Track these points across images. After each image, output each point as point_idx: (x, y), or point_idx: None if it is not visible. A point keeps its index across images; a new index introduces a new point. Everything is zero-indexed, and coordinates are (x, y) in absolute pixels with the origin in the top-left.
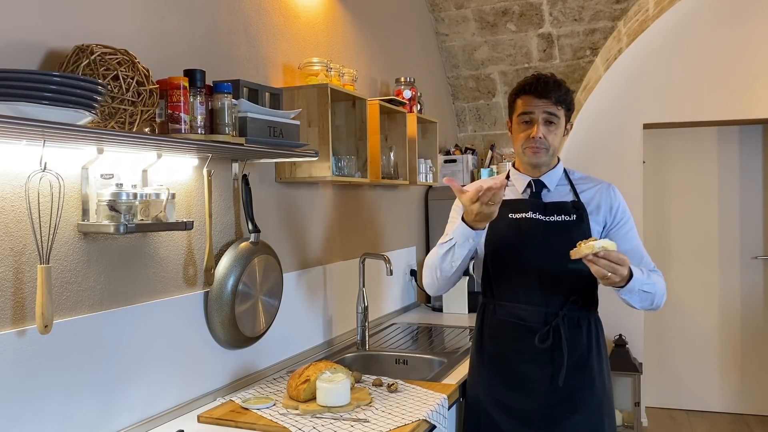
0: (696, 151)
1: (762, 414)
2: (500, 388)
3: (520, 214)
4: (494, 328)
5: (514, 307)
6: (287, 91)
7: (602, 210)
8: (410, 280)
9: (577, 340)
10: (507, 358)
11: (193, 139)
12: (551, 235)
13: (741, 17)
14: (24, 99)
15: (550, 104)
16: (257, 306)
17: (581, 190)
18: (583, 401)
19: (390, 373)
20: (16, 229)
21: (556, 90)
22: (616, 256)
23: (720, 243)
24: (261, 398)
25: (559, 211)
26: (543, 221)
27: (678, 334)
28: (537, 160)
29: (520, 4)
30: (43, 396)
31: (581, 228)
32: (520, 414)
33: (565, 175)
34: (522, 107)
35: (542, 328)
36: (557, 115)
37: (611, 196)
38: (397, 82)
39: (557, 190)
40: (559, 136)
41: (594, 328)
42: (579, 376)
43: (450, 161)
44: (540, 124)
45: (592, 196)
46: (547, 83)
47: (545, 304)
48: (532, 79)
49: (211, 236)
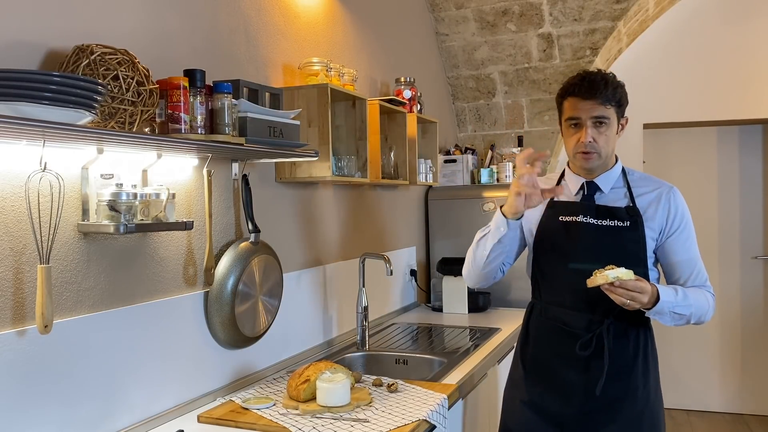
0: (696, 151)
1: (762, 414)
2: (537, 390)
3: (571, 217)
4: (538, 329)
5: (559, 311)
6: (287, 91)
7: (658, 216)
8: (410, 280)
9: (622, 350)
10: (547, 360)
11: (193, 139)
12: (602, 240)
13: (741, 17)
14: (24, 99)
15: (597, 106)
16: (257, 306)
17: (638, 193)
18: (621, 411)
19: (390, 373)
20: (16, 229)
21: (604, 89)
22: (632, 285)
23: (720, 243)
24: (261, 398)
25: (612, 215)
26: (594, 225)
27: (678, 334)
28: (589, 165)
29: (520, 4)
30: (43, 396)
31: (635, 234)
32: (556, 418)
33: (623, 176)
34: (569, 111)
35: (585, 334)
36: (606, 116)
37: (670, 201)
38: (397, 82)
39: (612, 193)
40: (612, 136)
41: (643, 339)
42: (620, 385)
43: (450, 161)
44: (588, 128)
45: (650, 201)
46: (593, 83)
47: (590, 311)
48: (578, 79)
49: (211, 236)
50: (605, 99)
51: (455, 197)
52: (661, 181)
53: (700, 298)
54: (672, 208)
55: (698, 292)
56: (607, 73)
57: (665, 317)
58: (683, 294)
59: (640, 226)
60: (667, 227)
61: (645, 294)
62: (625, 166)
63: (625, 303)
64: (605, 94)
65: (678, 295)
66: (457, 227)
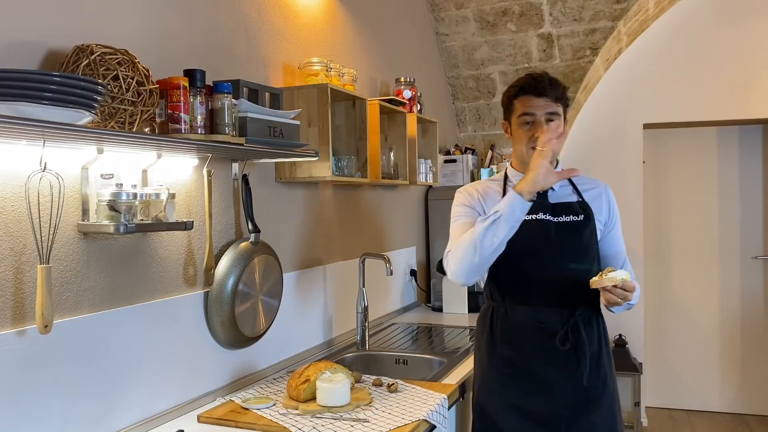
0: (696, 151)
1: (762, 414)
2: (517, 392)
3: (530, 215)
4: (509, 332)
5: (531, 310)
6: (287, 91)
7: (603, 210)
8: (410, 280)
9: (591, 338)
10: (525, 361)
11: (193, 139)
12: (563, 236)
13: (741, 17)
14: (24, 99)
15: (550, 103)
16: (257, 306)
17: (583, 190)
18: (598, 399)
19: (390, 373)
20: (16, 229)
21: (555, 88)
22: (630, 286)
23: (720, 243)
24: (261, 398)
25: (567, 211)
26: (553, 222)
27: (678, 334)
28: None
29: (520, 4)
30: (43, 396)
31: (589, 228)
32: (539, 417)
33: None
34: (522, 108)
35: (560, 329)
36: (558, 113)
37: (609, 198)
38: (397, 82)
39: (561, 191)
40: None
41: (602, 326)
42: (594, 374)
43: (450, 161)
44: (543, 124)
45: (594, 197)
46: (544, 82)
47: (561, 305)
48: (529, 79)
49: (211, 236)
50: (556, 97)
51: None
52: (597, 180)
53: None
54: (612, 203)
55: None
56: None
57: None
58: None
59: (592, 219)
60: (609, 220)
61: (632, 292)
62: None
63: (617, 302)
64: (556, 93)
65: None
66: None
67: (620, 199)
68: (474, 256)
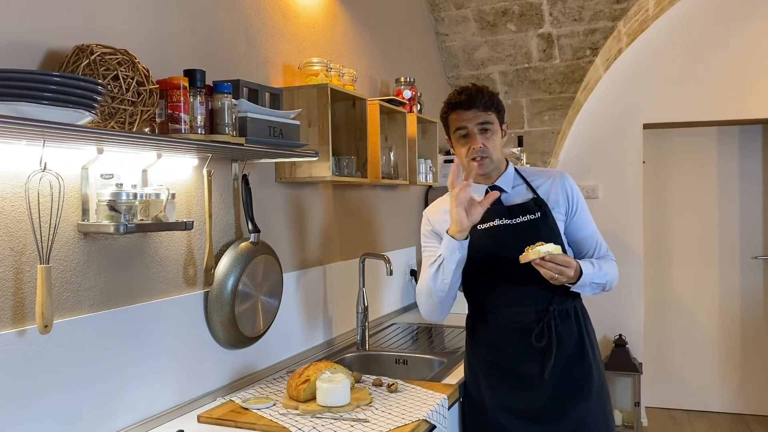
0: (696, 151)
1: (762, 414)
2: (503, 392)
3: (487, 223)
4: (489, 335)
5: (506, 311)
6: (287, 91)
7: (561, 201)
8: (410, 280)
9: (569, 330)
10: (507, 361)
11: (193, 139)
12: (523, 237)
13: (741, 17)
14: (24, 99)
15: (480, 113)
16: (257, 306)
17: (537, 185)
18: (586, 389)
19: (390, 373)
20: (16, 229)
21: (481, 97)
22: (561, 259)
23: (720, 243)
24: (261, 398)
25: (523, 211)
26: (511, 225)
27: (678, 334)
28: (482, 171)
29: (520, 4)
30: (43, 396)
31: (548, 223)
32: (528, 413)
33: (518, 174)
34: (456, 122)
35: (536, 326)
36: (490, 121)
37: (565, 185)
38: (397, 82)
39: (515, 191)
40: (498, 141)
41: (581, 316)
42: (578, 364)
43: (450, 161)
44: (477, 134)
45: (548, 189)
46: (471, 94)
47: (534, 303)
48: (456, 95)
49: (211, 236)
50: (485, 106)
51: None
52: (551, 170)
53: (610, 267)
54: (569, 191)
55: (607, 262)
56: (481, 85)
57: (586, 288)
58: (598, 265)
59: (549, 214)
60: (569, 209)
61: (571, 267)
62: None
63: (554, 277)
64: (483, 102)
65: (594, 267)
66: None
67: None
68: (432, 299)
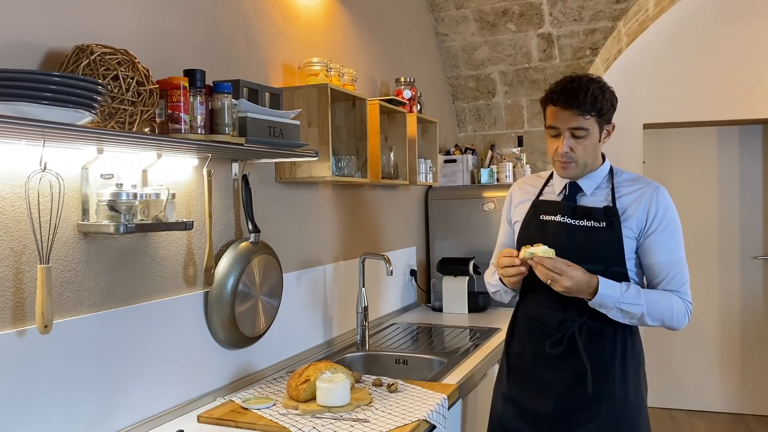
0: (696, 151)
1: (762, 414)
2: (517, 387)
3: (550, 216)
4: (520, 326)
5: (535, 308)
6: (287, 91)
7: (637, 216)
8: (410, 280)
9: (597, 350)
10: (526, 358)
11: (193, 139)
12: (576, 240)
13: (741, 17)
14: (24, 99)
15: (575, 116)
16: (257, 306)
17: (621, 194)
18: (599, 411)
19: (390, 373)
20: (16, 229)
21: (583, 100)
22: (550, 264)
23: (720, 243)
24: (261, 398)
25: (588, 216)
26: (570, 225)
27: (678, 334)
28: (565, 174)
29: (520, 4)
30: (43, 396)
31: (611, 234)
32: (533, 415)
33: (610, 177)
34: (549, 119)
35: (556, 333)
36: (584, 126)
37: (651, 201)
38: (397, 82)
39: (595, 194)
40: (591, 146)
41: (621, 339)
42: (597, 385)
43: (450, 161)
44: (566, 138)
45: (630, 201)
46: (572, 92)
47: (563, 310)
48: (559, 87)
49: (211, 236)
50: (584, 110)
51: (455, 197)
52: (650, 181)
53: (661, 301)
54: (653, 208)
55: (661, 295)
56: (593, 78)
57: (613, 312)
58: (635, 292)
59: (616, 226)
60: (646, 226)
61: (566, 277)
62: (617, 167)
63: (546, 282)
64: (584, 105)
65: (626, 291)
66: (457, 227)
67: None
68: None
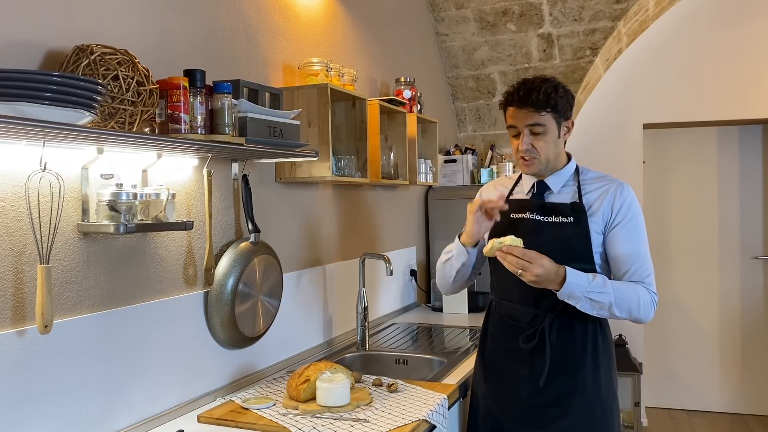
0: (696, 151)
1: (762, 414)
2: (492, 384)
3: (520, 214)
4: (493, 325)
5: (508, 306)
6: (287, 91)
7: (603, 209)
8: (410, 280)
9: (568, 344)
10: (500, 355)
11: (193, 139)
12: (545, 236)
13: (741, 18)
14: (24, 99)
15: (532, 114)
16: (257, 306)
17: (587, 191)
18: (572, 406)
19: (390, 373)
20: (16, 229)
21: (536, 97)
22: (519, 252)
23: (720, 243)
24: (261, 398)
25: (556, 212)
26: (540, 221)
27: (678, 334)
28: (529, 171)
29: (520, 4)
30: (43, 396)
31: (578, 229)
32: (508, 411)
33: (576, 175)
34: (508, 119)
35: (529, 328)
36: (541, 123)
37: (615, 196)
38: (397, 82)
39: (562, 192)
40: (552, 142)
41: (591, 334)
42: (568, 379)
43: (450, 161)
44: (525, 136)
45: (596, 197)
46: (528, 92)
47: (535, 305)
48: (515, 88)
49: (211, 236)
50: (538, 106)
51: (455, 197)
52: (614, 179)
53: (627, 291)
54: (617, 202)
55: (627, 285)
56: (547, 79)
57: (582, 302)
58: (602, 281)
59: (583, 221)
60: (610, 220)
61: (536, 265)
62: (583, 166)
63: (516, 272)
64: (537, 103)
65: (593, 281)
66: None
67: None
68: (443, 279)
